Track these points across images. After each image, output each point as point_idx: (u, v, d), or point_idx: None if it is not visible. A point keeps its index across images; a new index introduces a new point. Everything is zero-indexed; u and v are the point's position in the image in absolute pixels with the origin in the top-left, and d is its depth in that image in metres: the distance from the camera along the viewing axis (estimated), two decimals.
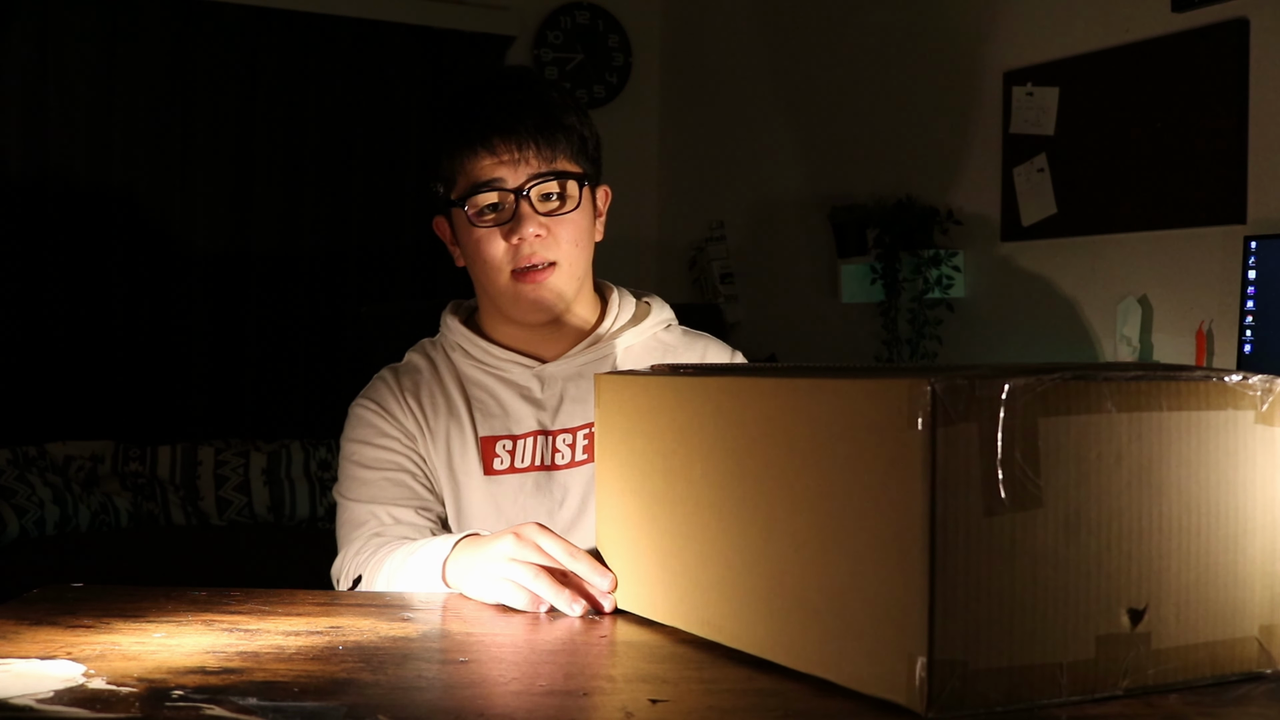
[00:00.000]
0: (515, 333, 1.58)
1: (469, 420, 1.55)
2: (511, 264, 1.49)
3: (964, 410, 0.80)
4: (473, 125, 1.49)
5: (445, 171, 1.53)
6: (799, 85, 4.36)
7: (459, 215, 1.52)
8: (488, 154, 1.48)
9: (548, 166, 1.49)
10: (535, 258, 1.49)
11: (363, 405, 1.59)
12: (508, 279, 1.50)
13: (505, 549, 1.20)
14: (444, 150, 1.52)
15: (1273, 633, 0.91)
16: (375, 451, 1.54)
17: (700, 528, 1.04)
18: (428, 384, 1.58)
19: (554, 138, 1.49)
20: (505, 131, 1.47)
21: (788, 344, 4.31)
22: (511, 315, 1.55)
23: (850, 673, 0.86)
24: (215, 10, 4.30)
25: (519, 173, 1.48)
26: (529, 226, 1.47)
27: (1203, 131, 3.02)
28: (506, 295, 1.52)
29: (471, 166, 1.49)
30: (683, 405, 1.08)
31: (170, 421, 4.28)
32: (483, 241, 1.50)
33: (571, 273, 1.52)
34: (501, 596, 1.19)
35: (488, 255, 1.50)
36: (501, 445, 1.54)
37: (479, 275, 1.54)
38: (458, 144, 1.50)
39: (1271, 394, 0.90)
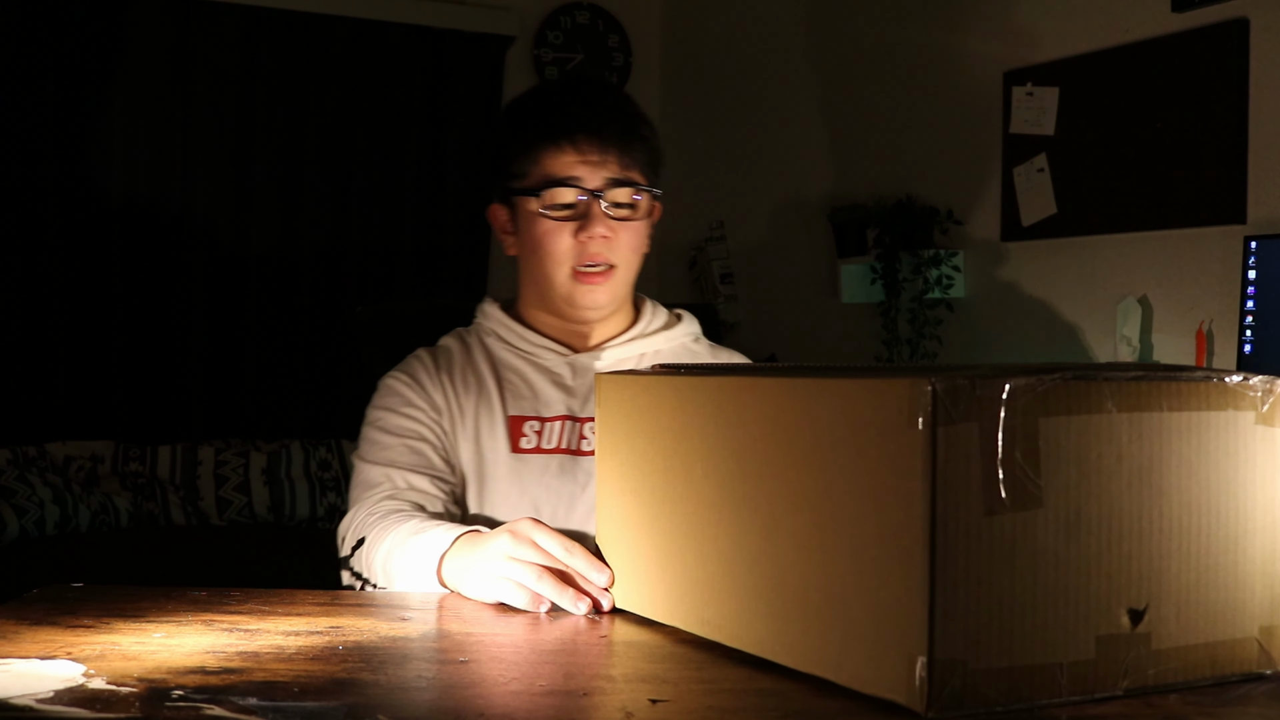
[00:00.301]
0: (553, 325, 1.63)
1: (499, 399, 1.59)
2: (574, 261, 1.54)
3: (965, 410, 0.80)
4: (561, 121, 1.53)
5: (519, 162, 1.56)
6: (799, 85, 4.36)
7: (526, 205, 1.56)
8: (571, 151, 1.53)
9: (624, 174, 1.55)
10: (599, 258, 1.54)
11: (393, 377, 1.62)
12: (568, 274, 1.55)
13: (503, 547, 1.21)
14: (521, 141, 1.56)
15: (1273, 633, 0.91)
16: (398, 419, 1.57)
17: (700, 527, 1.04)
18: (460, 364, 1.62)
19: (634, 148, 1.56)
20: (592, 132, 1.53)
21: (788, 344, 4.31)
22: (561, 310, 1.60)
23: (850, 672, 0.86)
24: (215, 10, 4.30)
25: (597, 175, 1.53)
26: (598, 227, 1.53)
27: (1203, 131, 3.02)
28: (563, 290, 1.56)
29: (551, 161, 1.53)
30: (683, 405, 1.08)
31: (170, 421, 4.28)
32: (550, 234, 1.54)
33: (626, 278, 1.59)
34: (502, 595, 1.19)
35: (552, 248, 1.54)
36: (529, 425, 1.58)
37: (535, 266, 1.58)
38: (540, 137, 1.54)
39: (1272, 395, 0.90)
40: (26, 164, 4.09)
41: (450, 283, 4.66)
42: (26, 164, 4.09)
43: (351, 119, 4.52)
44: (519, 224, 1.59)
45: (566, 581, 1.18)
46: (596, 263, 1.54)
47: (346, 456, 4.22)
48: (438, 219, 4.67)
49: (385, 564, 1.36)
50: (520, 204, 1.57)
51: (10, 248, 4.07)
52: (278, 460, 4.16)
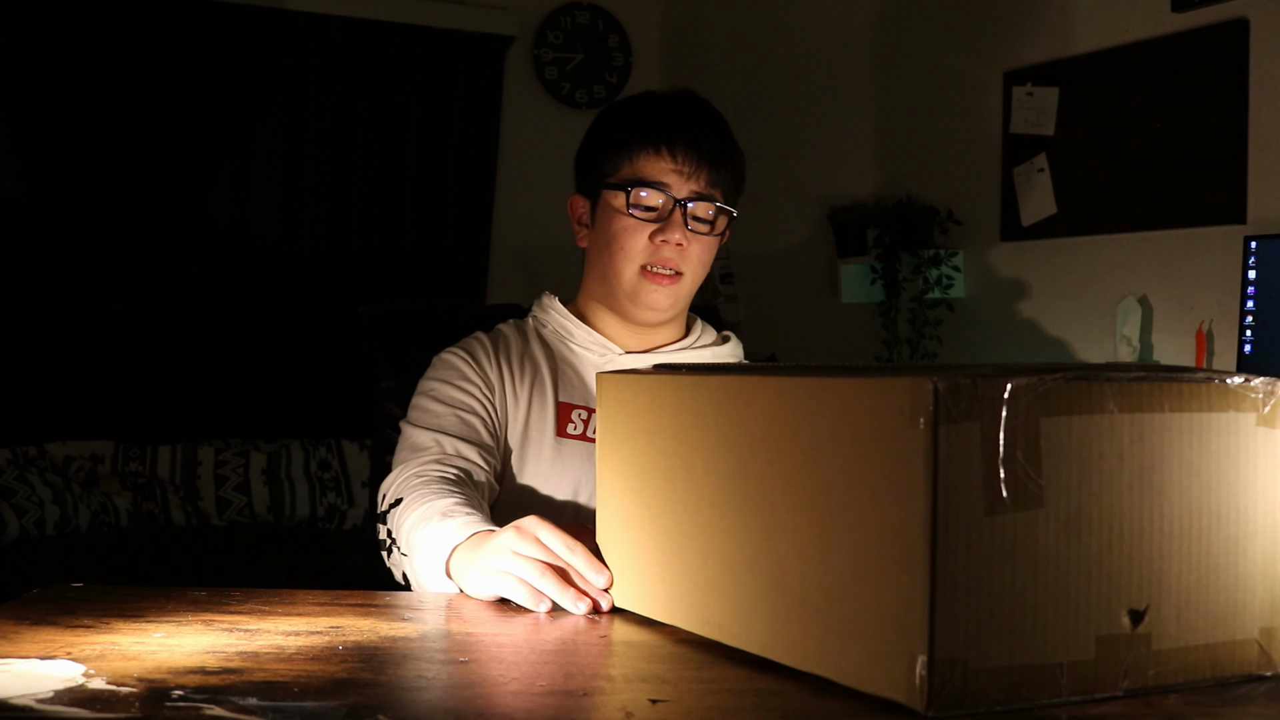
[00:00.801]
0: (611, 324, 1.68)
1: (551, 385, 1.64)
2: (645, 259, 1.59)
3: (966, 409, 0.80)
4: (662, 127, 1.59)
5: (613, 158, 1.61)
6: (798, 85, 4.36)
7: (610, 198, 1.61)
8: (668, 157, 1.58)
9: (710, 190, 1.60)
10: (669, 263, 1.59)
11: (451, 352, 1.65)
12: (636, 271, 1.60)
13: (506, 542, 1.21)
14: (620, 139, 1.61)
15: (1273, 635, 0.91)
16: (452, 391, 1.60)
17: (701, 526, 1.04)
18: (518, 350, 1.67)
19: (725, 168, 1.62)
20: (690, 144, 1.58)
21: (788, 344, 4.31)
22: (623, 307, 1.64)
23: (851, 672, 0.86)
24: (215, 10, 4.30)
25: (685, 185, 1.59)
26: (675, 233, 1.58)
27: (1203, 131, 3.02)
28: (629, 285, 1.61)
29: (646, 162, 1.59)
30: (684, 404, 1.08)
31: (170, 421, 4.28)
32: (628, 231, 1.59)
33: (690, 288, 1.64)
34: (503, 590, 1.19)
35: (627, 244, 1.59)
36: (577, 414, 1.63)
37: (606, 260, 1.62)
38: (641, 138, 1.59)
39: (1273, 396, 0.90)
40: (26, 164, 4.09)
41: (450, 283, 4.66)
42: (26, 164, 4.09)
43: (351, 119, 4.52)
44: (598, 217, 1.64)
45: (568, 581, 1.18)
46: (666, 268, 1.59)
47: (347, 456, 4.22)
48: (438, 219, 4.67)
49: (410, 534, 1.38)
50: (604, 198, 1.62)
51: (10, 248, 4.07)
52: (278, 460, 4.16)
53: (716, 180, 1.61)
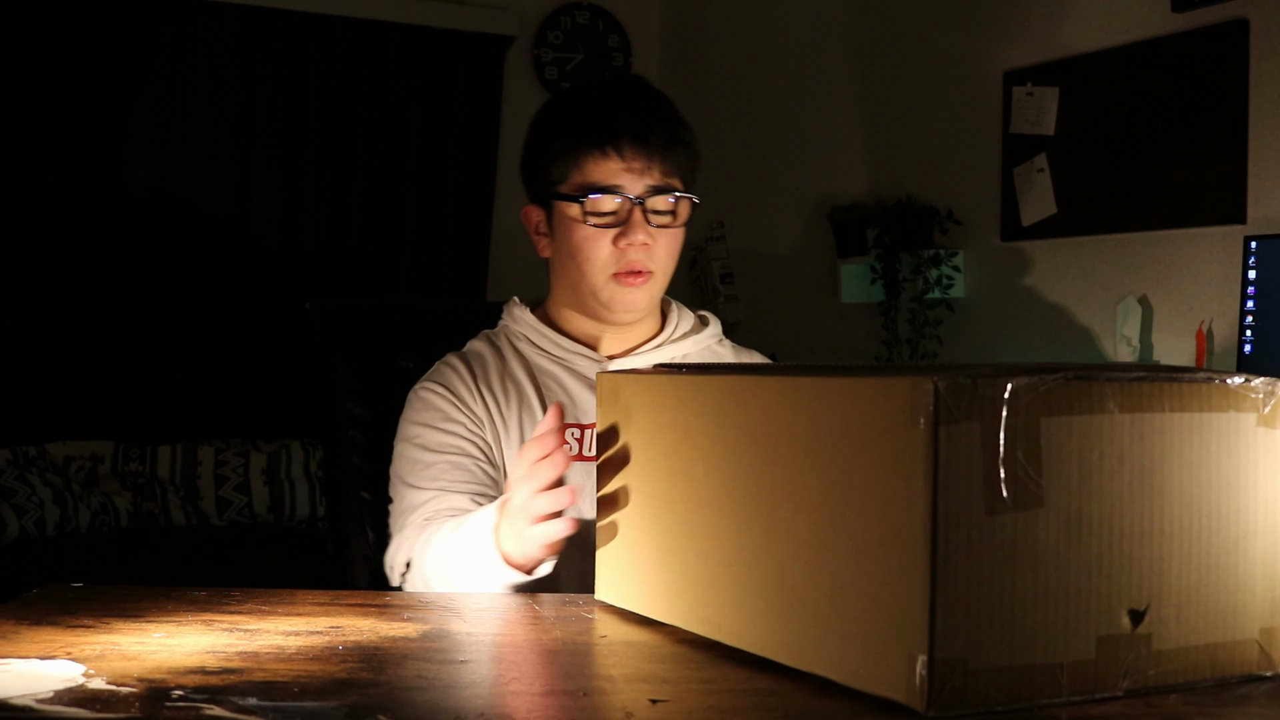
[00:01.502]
0: (585, 326, 1.62)
1: (540, 407, 1.57)
2: (614, 267, 1.53)
3: (966, 409, 0.80)
4: (606, 127, 1.52)
5: (560, 166, 1.55)
6: (799, 85, 4.36)
7: (565, 209, 1.55)
8: (615, 157, 1.52)
9: (667, 181, 1.54)
10: (638, 265, 1.53)
11: (428, 389, 1.58)
12: (607, 279, 1.54)
13: (511, 503, 1.24)
14: (566, 144, 1.54)
15: (1273, 635, 0.91)
16: (439, 435, 1.54)
17: (702, 526, 1.04)
18: (497, 371, 1.60)
19: (676, 154, 1.55)
20: (636, 139, 1.52)
21: (788, 344, 4.31)
22: (596, 313, 1.58)
23: (851, 671, 0.86)
24: (215, 10, 4.30)
25: (640, 182, 1.52)
26: (639, 234, 1.52)
27: (1203, 131, 3.02)
28: (602, 295, 1.55)
29: (594, 167, 1.52)
30: (685, 404, 1.08)
31: (170, 421, 4.28)
32: (590, 240, 1.53)
33: (662, 283, 1.59)
34: (543, 538, 1.22)
35: (592, 254, 1.53)
36: (570, 434, 1.56)
37: (572, 270, 1.56)
38: (585, 142, 1.52)
39: (1273, 396, 0.90)
40: (27, 164, 4.09)
41: (450, 282, 4.66)
42: (27, 164, 4.09)
43: (351, 119, 4.52)
44: (556, 228, 1.58)
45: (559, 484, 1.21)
46: (635, 269, 1.54)
47: None
48: (438, 219, 4.67)
49: (439, 569, 1.37)
50: (559, 208, 1.56)
51: (11, 248, 4.07)
52: (278, 460, 4.16)
53: (670, 169, 1.54)
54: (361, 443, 1.72)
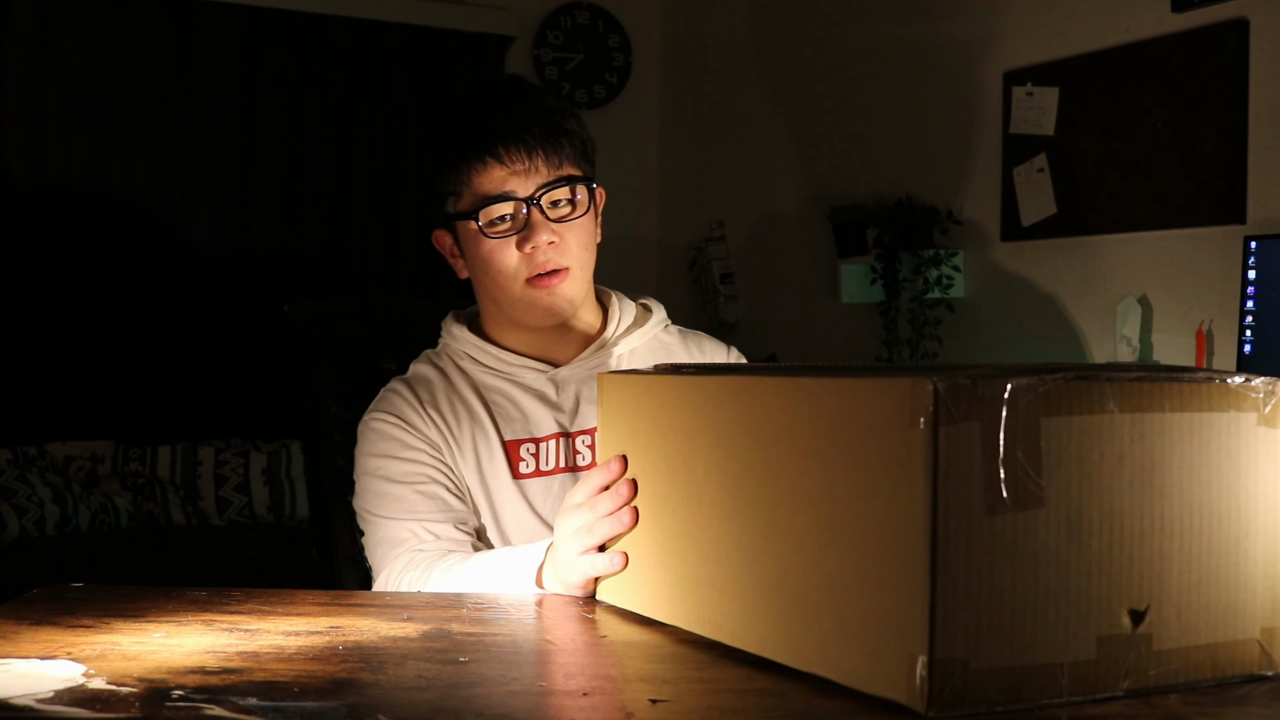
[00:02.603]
0: (524, 338, 1.58)
1: (492, 425, 1.54)
2: (526, 273, 1.49)
3: (966, 409, 0.80)
4: (479, 137, 1.48)
5: (449, 185, 1.51)
6: (799, 85, 4.36)
7: (467, 228, 1.51)
8: (497, 165, 1.47)
9: (556, 173, 1.49)
10: (549, 264, 1.49)
11: (379, 419, 1.55)
12: (522, 286, 1.50)
13: (563, 529, 1.23)
14: (447, 164, 1.50)
15: (1274, 635, 0.91)
16: (401, 465, 1.51)
17: (702, 526, 1.04)
18: (444, 393, 1.56)
19: (559, 144, 1.49)
20: (512, 141, 1.47)
21: (788, 344, 4.31)
22: (524, 321, 1.54)
23: (851, 672, 0.86)
24: (215, 10, 4.30)
25: (529, 182, 1.48)
26: (542, 235, 1.47)
27: (1203, 131, 3.02)
28: (521, 303, 1.51)
29: (480, 179, 1.48)
30: (685, 404, 1.08)
31: (170, 421, 4.28)
32: (495, 252, 1.49)
33: (582, 276, 1.54)
34: (591, 569, 1.21)
35: (501, 265, 1.49)
36: (525, 449, 1.54)
37: (489, 285, 1.53)
38: (464, 156, 1.48)
39: (1274, 396, 0.90)
40: (27, 165, 4.09)
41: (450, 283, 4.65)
42: (27, 165, 4.09)
43: (352, 119, 4.52)
44: (464, 247, 1.54)
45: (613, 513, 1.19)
46: (547, 269, 1.49)
47: None
48: None
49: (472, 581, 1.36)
50: (460, 227, 1.53)
51: (11, 248, 4.07)
52: (278, 460, 4.16)
53: (557, 160, 1.49)
54: (346, 446, 1.69)
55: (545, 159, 1.48)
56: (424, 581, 1.40)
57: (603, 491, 1.19)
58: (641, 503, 1.14)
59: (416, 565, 1.42)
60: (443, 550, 1.44)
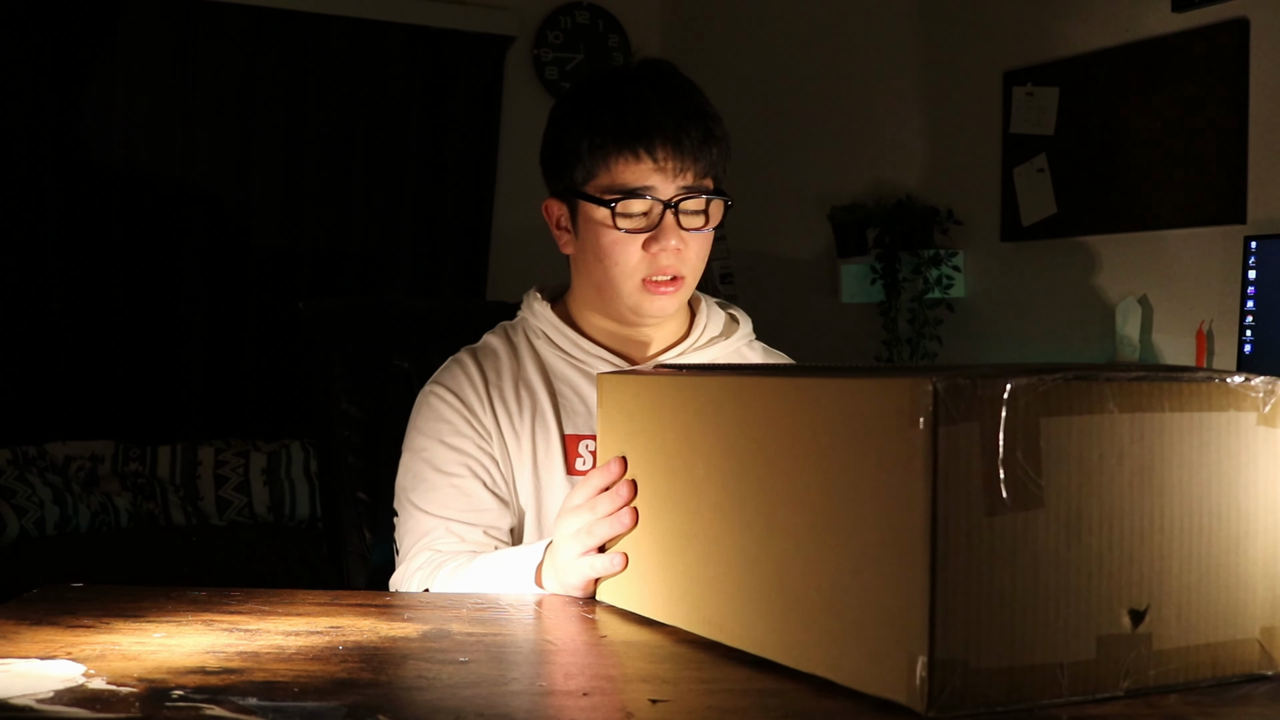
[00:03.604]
0: (607, 328, 1.55)
1: (554, 417, 1.51)
2: (644, 272, 1.46)
3: (966, 409, 0.80)
4: (637, 126, 1.43)
5: (588, 162, 1.45)
6: (799, 85, 4.36)
7: (593, 210, 1.46)
8: (649, 160, 1.43)
9: (699, 182, 1.46)
10: (668, 270, 1.46)
11: (438, 395, 1.51)
12: (636, 285, 1.47)
13: (563, 531, 1.22)
14: (593, 141, 1.44)
15: (1274, 634, 0.91)
16: (446, 453, 1.48)
17: (702, 527, 1.04)
18: (511, 374, 1.53)
19: (711, 153, 1.46)
20: (670, 141, 1.43)
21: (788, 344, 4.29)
22: (624, 317, 1.51)
23: (851, 672, 0.86)
24: (215, 10, 4.30)
25: (672, 184, 1.44)
26: (671, 240, 1.44)
27: (1203, 131, 3.02)
28: (630, 300, 1.48)
29: (625, 168, 1.43)
30: (685, 405, 1.08)
31: (170, 421, 4.28)
32: (619, 245, 1.45)
33: (693, 285, 1.51)
34: (591, 570, 1.20)
35: (621, 259, 1.45)
36: (585, 445, 1.50)
37: (598, 272, 1.48)
38: (615, 141, 1.43)
39: (1274, 396, 0.90)
40: (28, 166, 4.09)
41: (450, 282, 4.66)
42: (28, 166, 4.09)
43: (351, 119, 4.52)
44: (581, 226, 1.49)
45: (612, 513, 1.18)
46: (666, 275, 1.46)
47: None
48: (438, 219, 4.67)
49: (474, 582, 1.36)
50: (585, 208, 1.47)
51: (11, 249, 4.07)
52: (278, 460, 4.16)
53: (704, 169, 1.45)
54: (357, 443, 1.70)
55: (695, 165, 1.44)
56: (431, 581, 1.40)
57: (602, 493, 1.19)
58: (641, 503, 1.14)
59: (429, 565, 1.42)
60: (458, 551, 1.43)
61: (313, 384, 1.75)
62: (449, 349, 1.60)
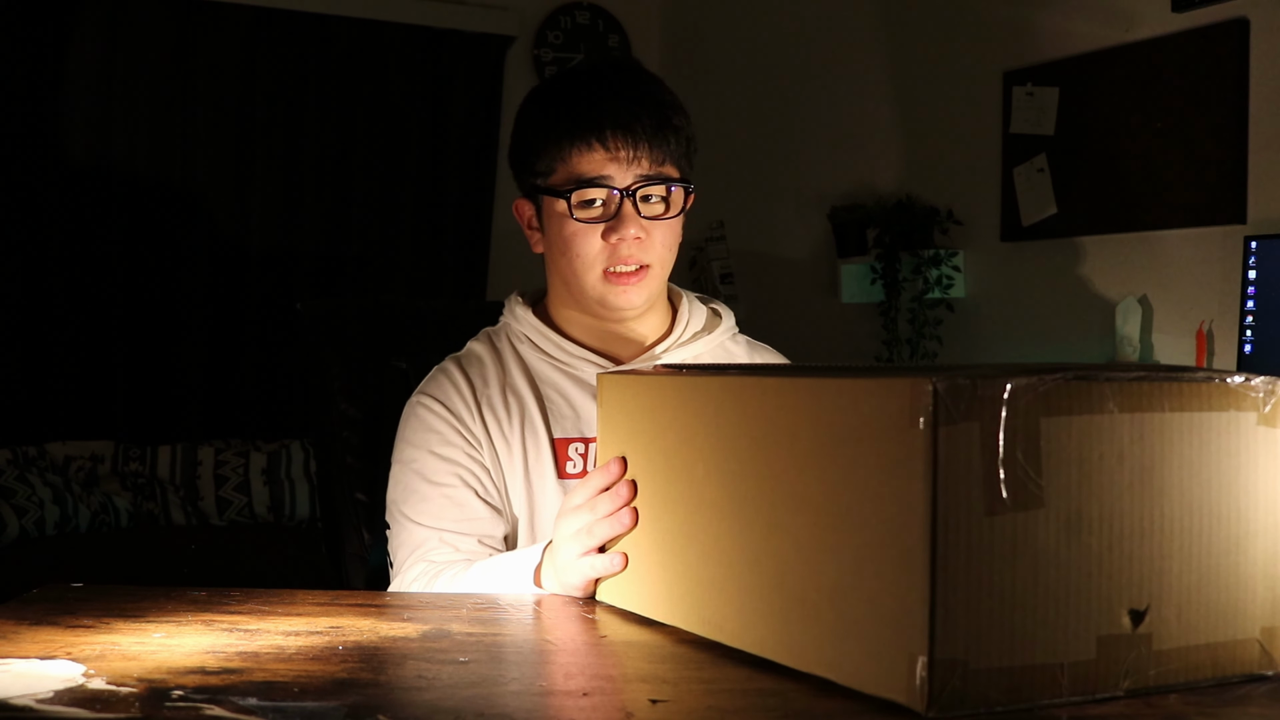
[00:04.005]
0: (588, 327, 1.54)
1: (542, 422, 1.50)
2: (605, 263, 1.45)
3: (966, 410, 0.80)
4: (588, 116, 1.43)
5: (546, 157, 1.46)
6: (799, 84, 4.36)
7: (553, 204, 1.47)
8: (601, 149, 1.43)
9: (657, 169, 1.45)
10: (631, 260, 1.45)
11: (425, 405, 1.51)
12: (599, 276, 1.46)
13: (563, 531, 1.22)
14: (549, 135, 1.45)
15: (1274, 634, 0.91)
16: (437, 463, 1.48)
17: (702, 527, 1.04)
18: (497, 381, 1.53)
19: (666, 139, 1.46)
20: (621, 128, 1.43)
21: (788, 344, 4.28)
22: (594, 311, 1.51)
23: (851, 672, 0.86)
24: (215, 10, 4.30)
25: (628, 172, 1.44)
26: (630, 228, 1.44)
27: (1203, 131, 3.01)
28: (594, 293, 1.47)
29: (579, 159, 1.44)
30: (685, 405, 1.08)
31: (170, 421, 4.28)
32: (579, 236, 1.45)
33: (660, 275, 1.50)
34: (591, 570, 1.20)
35: (582, 251, 1.45)
36: (574, 448, 1.50)
37: (564, 267, 1.48)
38: (569, 133, 1.44)
39: (1274, 395, 0.90)
40: (28, 166, 4.09)
41: (450, 282, 4.66)
42: (28, 166, 4.09)
43: (351, 119, 4.52)
44: (545, 222, 1.50)
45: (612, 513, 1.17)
46: (629, 265, 1.45)
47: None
48: (438, 219, 4.67)
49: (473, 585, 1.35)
50: (547, 203, 1.48)
51: (12, 249, 4.08)
52: (278, 460, 4.16)
53: (661, 156, 1.45)
54: (356, 444, 1.70)
55: (650, 152, 1.44)
56: (430, 589, 1.40)
57: (602, 493, 1.18)
58: (641, 503, 1.14)
59: (425, 576, 1.41)
60: (453, 561, 1.43)
61: (311, 385, 1.75)
62: (447, 350, 1.60)
